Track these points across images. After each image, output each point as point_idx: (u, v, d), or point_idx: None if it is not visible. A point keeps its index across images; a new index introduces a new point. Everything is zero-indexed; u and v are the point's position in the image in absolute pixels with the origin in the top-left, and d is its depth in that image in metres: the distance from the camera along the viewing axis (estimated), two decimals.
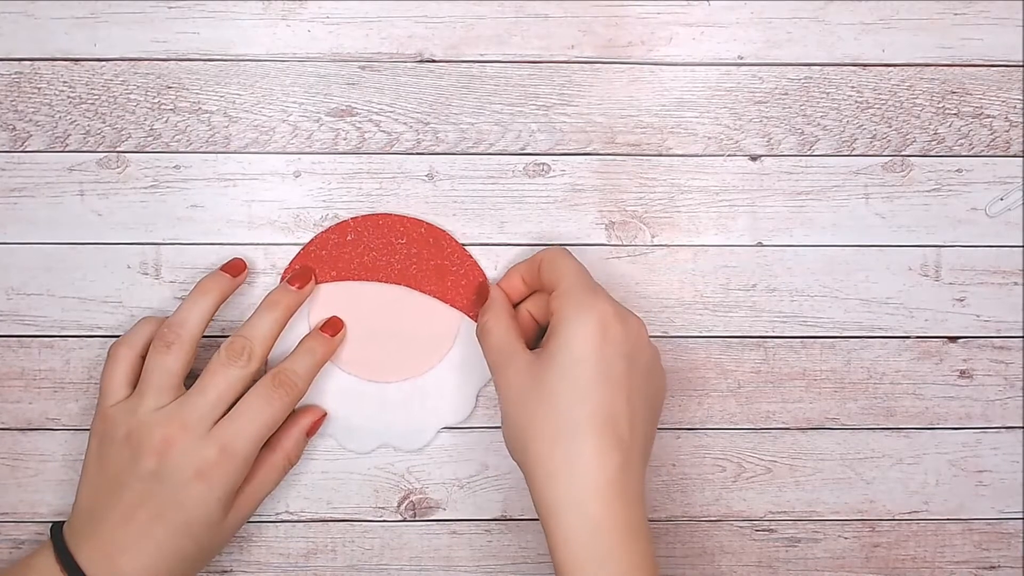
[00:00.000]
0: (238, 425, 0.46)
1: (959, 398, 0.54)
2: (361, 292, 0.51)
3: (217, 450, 0.45)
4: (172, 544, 0.45)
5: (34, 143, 0.52)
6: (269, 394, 0.47)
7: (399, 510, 0.53)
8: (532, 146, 0.53)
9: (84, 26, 0.52)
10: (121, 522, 0.45)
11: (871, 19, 0.53)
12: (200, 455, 0.45)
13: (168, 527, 0.45)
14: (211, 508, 0.46)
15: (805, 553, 0.54)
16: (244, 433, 0.46)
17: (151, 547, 0.45)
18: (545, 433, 0.44)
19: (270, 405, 0.47)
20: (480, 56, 0.53)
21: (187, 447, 0.45)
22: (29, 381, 0.52)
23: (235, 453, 0.46)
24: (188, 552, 0.46)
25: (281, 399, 0.47)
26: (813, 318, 0.54)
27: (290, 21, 0.52)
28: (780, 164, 0.53)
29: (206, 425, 0.46)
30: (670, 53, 0.53)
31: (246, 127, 0.52)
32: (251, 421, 0.46)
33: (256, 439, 0.47)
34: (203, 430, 0.46)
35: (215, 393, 0.46)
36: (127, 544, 0.45)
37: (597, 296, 0.46)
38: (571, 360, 0.44)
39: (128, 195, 0.52)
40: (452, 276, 0.52)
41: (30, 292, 0.52)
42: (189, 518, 0.45)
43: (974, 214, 0.54)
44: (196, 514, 0.45)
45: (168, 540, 0.45)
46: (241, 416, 0.47)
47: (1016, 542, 0.54)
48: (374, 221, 0.52)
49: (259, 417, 0.47)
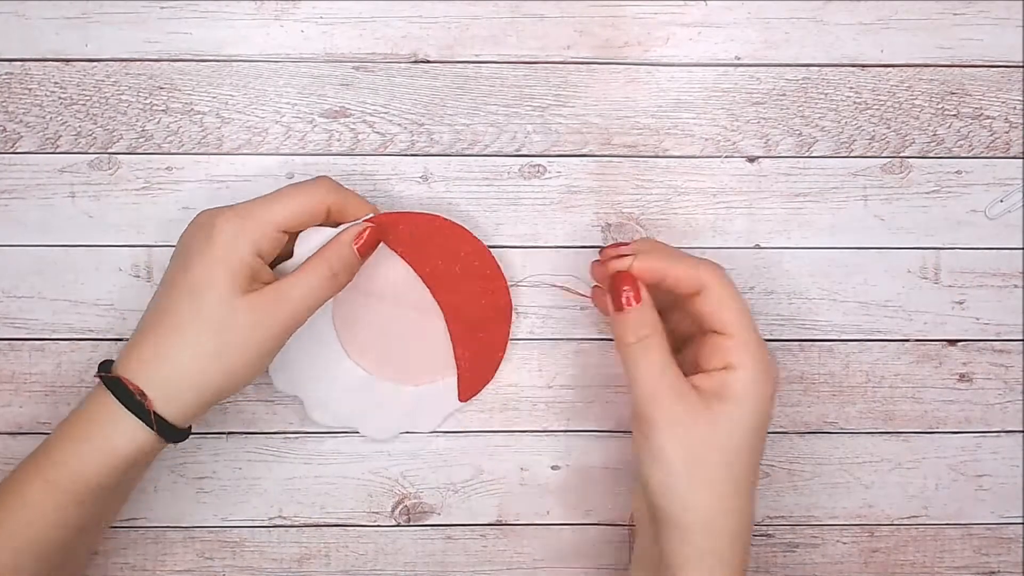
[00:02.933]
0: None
1: (959, 402, 0.54)
2: (405, 287, 0.50)
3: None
4: (192, 342, 0.43)
5: (25, 144, 0.51)
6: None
7: (393, 515, 0.53)
8: (527, 147, 0.52)
9: (75, 26, 0.51)
10: (151, 328, 0.44)
11: (870, 19, 0.53)
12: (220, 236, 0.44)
13: (184, 321, 0.43)
14: (222, 292, 0.43)
15: (803, 558, 0.54)
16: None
17: (174, 347, 0.43)
18: (718, 490, 0.43)
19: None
20: (475, 57, 0.52)
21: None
22: (20, 385, 0.52)
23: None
24: (208, 349, 0.43)
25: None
26: (811, 321, 0.53)
27: (283, 21, 0.52)
28: (778, 166, 0.53)
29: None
30: (667, 54, 0.53)
31: (239, 128, 0.52)
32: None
33: None
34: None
35: None
36: (157, 350, 0.43)
37: (768, 354, 0.44)
38: (755, 423, 0.43)
39: (120, 197, 0.52)
40: (478, 334, 0.51)
41: (21, 295, 0.52)
42: (202, 304, 0.43)
43: (974, 216, 0.53)
44: (208, 299, 0.43)
45: (189, 338, 0.43)
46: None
47: (1016, 547, 0.54)
48: (457, 233, 0.49)
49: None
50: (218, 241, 0.44)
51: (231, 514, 0.53)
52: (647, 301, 0.44)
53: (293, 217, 0.45)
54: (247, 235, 0.44)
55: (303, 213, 0.45)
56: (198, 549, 0.53)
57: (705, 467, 0.43)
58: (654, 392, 0.43)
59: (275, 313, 0.44)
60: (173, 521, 0.53)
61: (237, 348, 0.43)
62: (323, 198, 0.46)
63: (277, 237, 0.45)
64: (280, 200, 0.45)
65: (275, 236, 0.45)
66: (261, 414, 0.53)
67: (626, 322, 0.44)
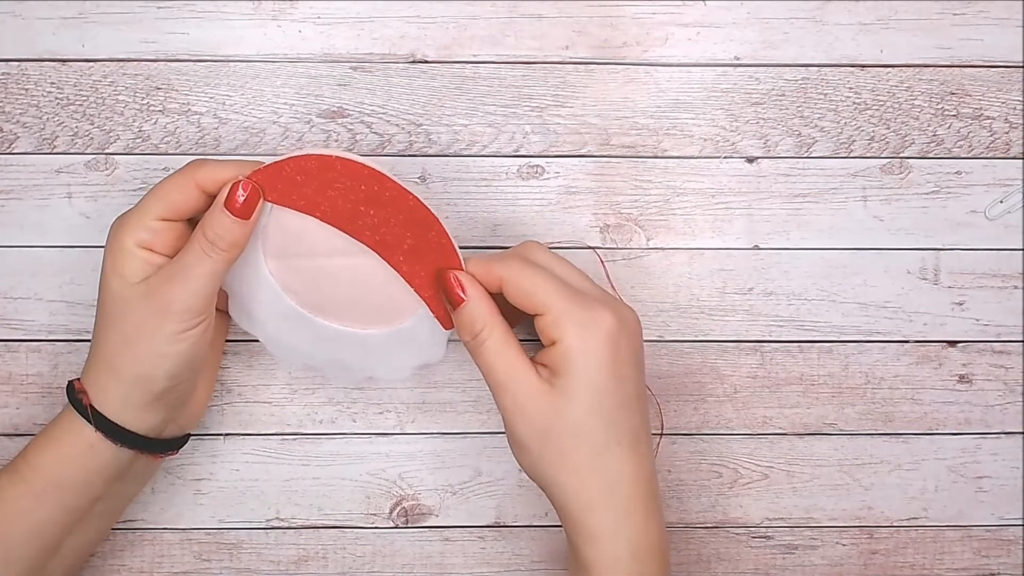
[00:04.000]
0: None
1: (958, 403, 0.53)
2: (326, 239, 0.46)
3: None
4: (103, 336, 0.45)
5: (21, 145, 0.51)
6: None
7: (391, 516, 0.53)
8: (526, 148, 0.52)
9: (72, 26, 0.51)
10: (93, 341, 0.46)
11: (869, 19, 0.53)
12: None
13: (98, 319, 0.45)
14: (112, 284, 0.44)
15: (802, 560, 0.53)
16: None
17: (96, 344, 0.45)
18: (579, 467, 0.44)
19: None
20: (473, 57, 0.52)
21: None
22: (16, 386, 0.52)
23: None
24: (117, 339, 0.44)
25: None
26: (810, 322, 0.53)
27: (281, 21, 0.52)
28: (777, 166, 0.53)
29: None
30: (665, 54, 0.52)
31: (236, 129, 0.52)
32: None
33: None
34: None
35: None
36: (92, 350, 0.46)
37: (594, 310, 0.44)
38: (592, 393, 0.43)
39: (117, 198, 0.51)
40: (425, 257, 0.46)
41: (17, 296, 0.51)
42: (104, 299, 0.45)
43: (973, 217, 0.53)
44: (105, 294, 0.45)
45: (100, 332, 0.45)
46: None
47: (1016, 549, 0.54)
48: (362, 171, 0.44)
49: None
50: (108, 241, 0.45)
51: (228, 516, 0.52)
52: (474, 296, 0.45)
53: (165, 205, 0.44)
54: (125, 230, 0.44)
55: (174, 198, 0.44)
56: (195, 551, 0.52)
57: (555, 441, 0.43)
58: (498, 382, 0.44)
59: (167, 292, 0.43)
60: (170, 523, 0.52)
61: (141, 333, 0.44)
62: (189, 179, 0.44)
63: (158, 226, 0.44)
64: (153, 192, 0.45)
65: (156, 225, 0.44)
66: (258, 415, 0.52)
67: (460, 322, 0.45)
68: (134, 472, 0.47)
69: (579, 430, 0.43)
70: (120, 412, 0.45)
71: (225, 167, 0.45)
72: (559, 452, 0.44)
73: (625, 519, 0.44)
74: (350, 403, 0.53)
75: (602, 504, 0.44)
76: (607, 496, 0.44)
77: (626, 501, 0.44)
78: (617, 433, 0.44)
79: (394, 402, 0.53)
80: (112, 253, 0.44)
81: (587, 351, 0.43)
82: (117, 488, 0.47)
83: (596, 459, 0.44)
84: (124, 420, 0.45)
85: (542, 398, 0.44)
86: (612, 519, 0.44)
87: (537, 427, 0.44)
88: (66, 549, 0.47)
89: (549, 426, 0.44)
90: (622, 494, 0.44)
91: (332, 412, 0.53)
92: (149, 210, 0.44)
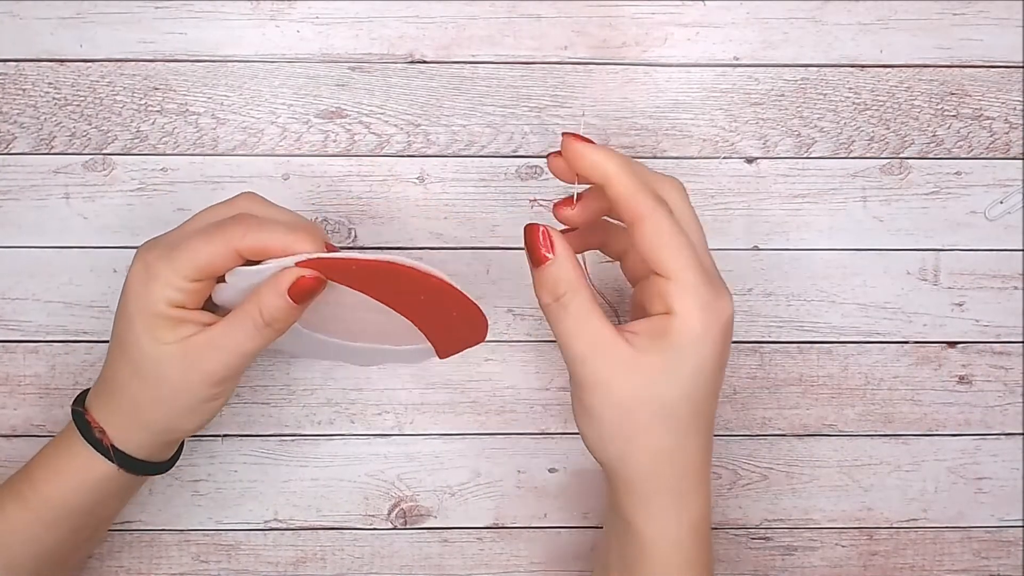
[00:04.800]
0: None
1: (958, 404, 0.53)
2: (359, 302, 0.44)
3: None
4: (132, 391, 0.43)
5: (19, 145, 0.51)
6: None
7: (389, 518, 0.53)
8: (524, 148, 0.52)
9: (70, 26, 0.51)
10: (107, 365, 0.44)
11: (869, 19, 0.52)
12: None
13: (122, 370, 0.43)
14: (143, 345, 0.42)
15: (802, 562, 0.53)
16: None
17: (119, 392, 0.43)
18: (656, 449, 0.41)
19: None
20: (472, 57, 0.52)
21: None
22: (14, 387, 0.52)
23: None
24: (148, 396, 0.43)
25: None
26: (810, 323, 0.53)
27: (279, 21, 0.51)
28: (776, 167, 0.53)
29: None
30: (665, 54, 0.52)
31: (234, 129, 0.51)
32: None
33: None
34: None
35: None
36: (111, 391, 0.44)
37: (720, 294, 0.41)
38: (698, 369, 0.40)
39: (114, 198, 0.51)
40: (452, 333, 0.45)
41: (15, 297, 0.51)
42: (130, 356, 0.42)
43: (973, 217, 0.53)
44: (134, 353, 0.42)
45: (129, 386, 0.43)
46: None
47: (1016, 550, 0.54)
48: (414, 276, 0.41)
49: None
50: (130, 295, 0.42)
51: (226, 517, 0.52)
52: (562, 255, 0.41)
53: (200, 270, 0.41)
54: (155, 289, 0.42)
55: (210, 263, 0.41)
56: (193, 552, 0.52)
57: (637, 421, 0.41)
58: (578, 353, 0.41)
59: (207, 360, 0.42)
60: (168, 524, 0.52)
61: (175, 393, 0.43)
62: (230, 246, 0.41)
63: (190, 287, 0.42)
64: (188, 252, 0.41)
65: (187, 286, 0.42)
66: (256, 416, 0.52)
67: (542, 281, 0.41)
68: (137, 486, 0.47)
69: (670, 412, 0.41)
70: (139, 450, 0.44)
71: (272, 237, 0.41)
72: (638, 429, 0.41)
73: (689, 500, 0.42)
74: (348, 404, 0.52)
75: (669, 488, 0.42)
76: (678, 480, 0.42)
77: (692, 485, 0.42)
78: (698, 421, 0.42)
79: (393, 403, 0.53)
80: (144, 315, 0.42)
81: (706, 336, 0.40)
82: (122, 504, 0.47)
83: (675, 443, 0.41)
84: (143, 456, 0.44)
85: (635, 372, 0.40)
86: (676, 502, 0.42)
87: (620, 401, 0.41)
88: (70, 561, 0.47)
89: (634, 401, 0.41)
90: (690, 479, 0.42)
91: (330, 413, 0.52)
92: (181, 270, 0.41)
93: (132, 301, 0.42)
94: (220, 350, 0.42)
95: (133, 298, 0.42)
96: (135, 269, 0.42)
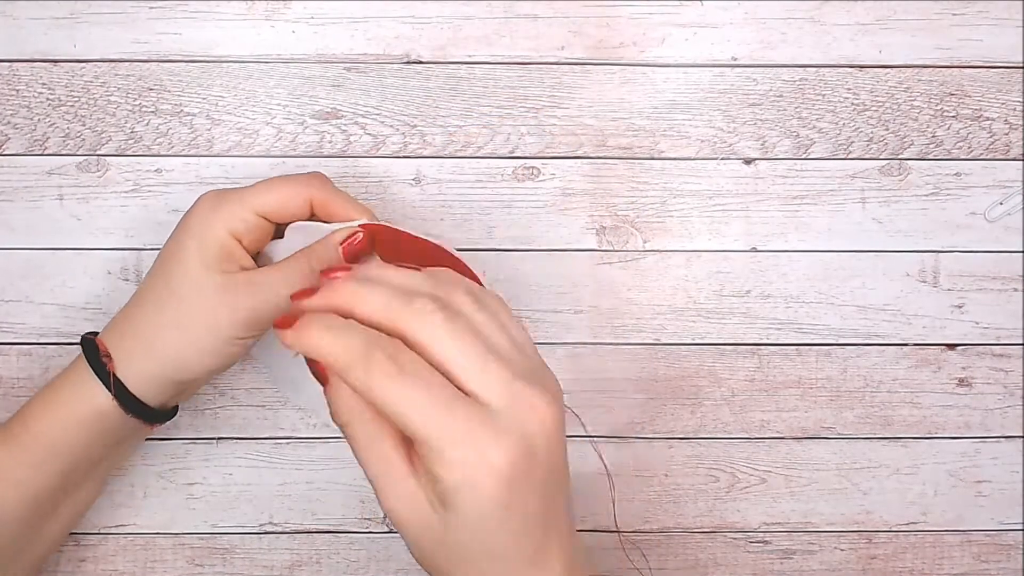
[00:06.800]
0: None
1: (958, 407, 0.53)
2: None
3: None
4: (154, 311, 0.44)
5: (12, 146, 0.51)
6: None
7: (385, 522, 0.52)
8: (521, 149, 0.52)
9: (63, 27, 0.51)
10: (132, 298, 0.45)
11: (868, 19, 0.52)
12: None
13: (152, 291, 0.44)
14: (189, 266, 0.43)
15: (800, 565, 0.53)
16: None
17: (140, 315, 0.44)
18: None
19: None
20: (468, 57, 0.52)
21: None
22: (7, 390, 0.51)
23: None
24: (169, 319, 0.43)
25: None
26: (808, 325, 0.53)
27: (274, 22, 0.51)
28: (775, 168, 0.52)
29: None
30: (662, 54, 0.52)
31: (229, 130, 0.51)
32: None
33: None
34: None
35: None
36: (128, 318, 0.45)
37: (482, 434, 0.34)
38: (481, 521, 0.35)
39: (109, 199, 0.51)
40: None
41: (8, 299, 0.51)
42: (170, 276, 0.44)
43: (973, 219, 0.53)
44: (176, 271, 0.44)
45: (153, 307, 0.44)
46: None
47: (1016, 554, 0.53)
48: (448, 259, 0.44)
49: None
50: (193, 217, 0.44)
51: (221, 520, 0.52)
52: (334, 384, 0.36)
53: (271, 204, 0.44)
54: (222, 214, 0.44)
55: (283, 202, 0.44)
56: (188, 556, 0.52)
57: (440, 567, 0.37)
58: (371, 478, 0.37)
59: (244, 298, 0.43)
60: (162, 528, 0.52)
61: (199, 323, 0.43)
62: (306, 192, 0.45)
63: (255, 221, 0.44)
64: (264, 187, 0.44)
65: (253, 220, 0.44)
66: (252, 419, 0.52)
67: (328, 403, 0.37)
68: (129, 439, 0.47)
69: (462, 556, 0.37)
70: (138, 385, 0.44)
71: (353, 205, 0.45)
72: (442, 571, 0.38)
73: None
74: None
75: None
76: None
77: None
78: (519, 558, 0.37)
79: None
80: (201, 238, 0.43)
81: (476, 490, 0.35)
82: (112, 452, 0.47)
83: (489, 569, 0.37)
84: (140, 393, 0.44)
85: (430, 527, 0.36)
86: None
87: (426, 553, 0.38)
88: (62, 510, 0.47)
89: (436, 555, 0.37)
90: None
91: (326, 416, 0.52)
92: (252, 202, 0.44)
93: (194, 224, 0.44)
94: (257, 288, 0.43)
95: (196, 222, 0.44)
96: (205, 196, 0.45)
